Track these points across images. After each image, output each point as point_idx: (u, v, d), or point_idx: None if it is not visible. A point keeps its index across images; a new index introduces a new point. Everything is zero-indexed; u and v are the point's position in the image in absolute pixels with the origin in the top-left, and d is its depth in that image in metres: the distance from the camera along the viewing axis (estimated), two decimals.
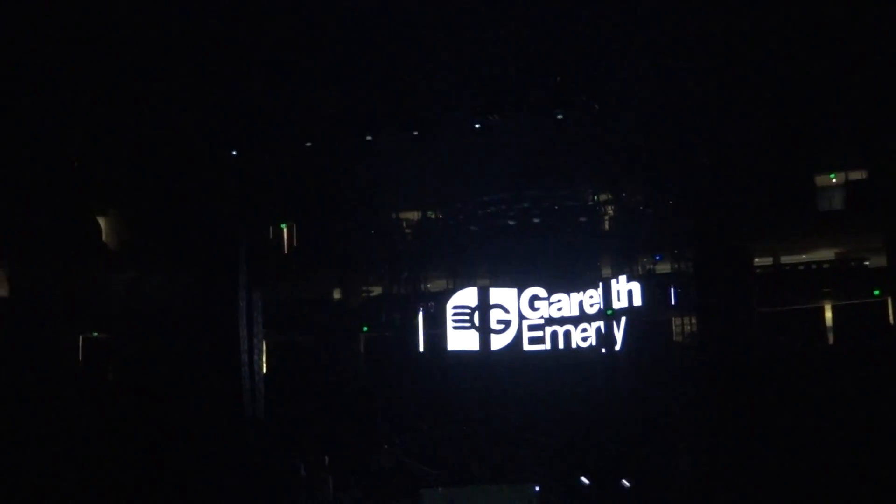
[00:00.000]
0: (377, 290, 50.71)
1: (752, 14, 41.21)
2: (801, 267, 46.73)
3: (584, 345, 44.69)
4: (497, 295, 45.86)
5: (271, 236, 51.52)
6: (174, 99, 45.87)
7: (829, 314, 45.51)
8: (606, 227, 47.74)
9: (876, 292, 44.49)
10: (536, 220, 46.97)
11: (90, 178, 49.31)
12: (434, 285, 50.02)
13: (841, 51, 41.83)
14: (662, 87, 43.37)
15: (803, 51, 42.36)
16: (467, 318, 45.57)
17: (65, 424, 41.38)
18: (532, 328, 45.51)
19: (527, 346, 45.41)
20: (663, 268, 46.66)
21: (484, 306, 45.69)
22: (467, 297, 45.88)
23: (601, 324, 44.10)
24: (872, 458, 34.34)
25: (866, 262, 45.58)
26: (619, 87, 43.83)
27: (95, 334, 48.65)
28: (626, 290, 43.50)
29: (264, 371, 45.41)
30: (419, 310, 46.19)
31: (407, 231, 50.03)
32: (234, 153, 47.80)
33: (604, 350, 43.96)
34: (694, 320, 43.89)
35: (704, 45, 42.14)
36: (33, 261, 48.59)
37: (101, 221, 50.93)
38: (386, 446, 41.76)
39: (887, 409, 35.97)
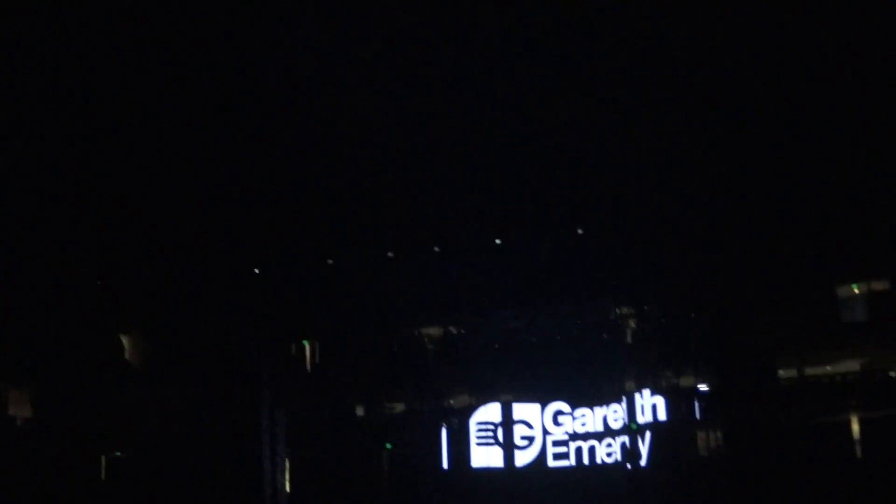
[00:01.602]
0: (400, 407, 50.46)
1: (774, 123, 41.50)
2: (826, 379, 46.31)
3: (609, 460, 44.15)
4: (520, 410, 45.48)
5: (294, 353, 51.39)
6: (197, 219, 46.28)
7: (856, 426, 44.91)
8: (629, 340, 47.55)
9: None
10: (558, 335, 46.84)
11: (113, 297, 49.51)
12: (457, 401, 49.76)
13: (864, 161, 42.02)
14: (683, 202, 43.59)
15: (825, 162, 42.57)
16: (491, 434, 45.21)
17: None
18: (556, 444, 45.04)
19: (551, 462, 44.89)
20: (687, 381, 46.33)
21: (507, 422, 45.33)
22: (490, 412, 45.53)
23: (626, 438, 43.66)
24: None
25: (892, 374, 45.18)
26: (640, 203, 44.04)
27: (118, 454, 48.38)
28: (650, 404, 43.13)
29: (287, 489, 45.17)
30: (442, 426, 45.86)
31: (429, 347, 49.89)
32: (256, 271, 48.03)
33: (629, 465, 43.44)
34: (720, 434, 43.48)
35: (725, 157, 42.42)
36: (56, 381, 48.68)
37: (124, 340, 51.03)
38: None
39: None
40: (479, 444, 45.39)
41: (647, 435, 43.09)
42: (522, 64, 38.13)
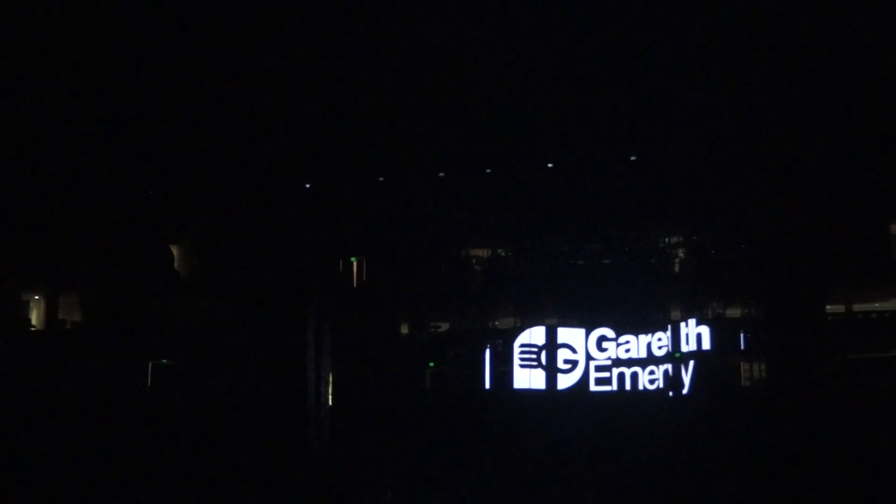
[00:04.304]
0: (444, 326, 50.68)
1: (828, 62, 41.12)
2: (874, 315, 46.15)
3: (651, 387, 44.17)
4: (565, 334, 45.51)
5: (341, 269, 51.64)
6: (248, 132, 46.45)
7: None
8: (676, 269, 47.42)
9: None
10: (606, 261, 46.73)
11: (164, 206, 49.93)
12: (502, 323, 49.94)
13: None
14: (736, 132, 43.29)
15: (876, 99, 42.16)
16: (534, 356, 45.30)
17: (132, 448, 41.90)
18: (599, 369, 45.08)
19: (593, 387, 44.97)
20: (733, 312, 46.24)
21: (551, 345, 45.36)
22: (535, 335, 45.58)
23: (669, 366, 43.67)
24: None
25: None
26: (693, 131, 43.79)
27: (164, 361, 49.04)
28: (695, 334, 43.03)
29: (330, 403, 45.64)
30: (486, 347, 45.95)
31: (476, 268, 49.92)
32: (307, 186, 48.21)
33: (671, 393, 43.52)
34: (763, 366, 43.48)
35: (780, 88, 42.06)
36: (106, 287, 49.29)
37: (174, 250, 51.53)
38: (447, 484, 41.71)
39: None
40: (521, 366, 45.47)
41: (691, 364, 42.99)
42: None
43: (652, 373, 44.46)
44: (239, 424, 44.09)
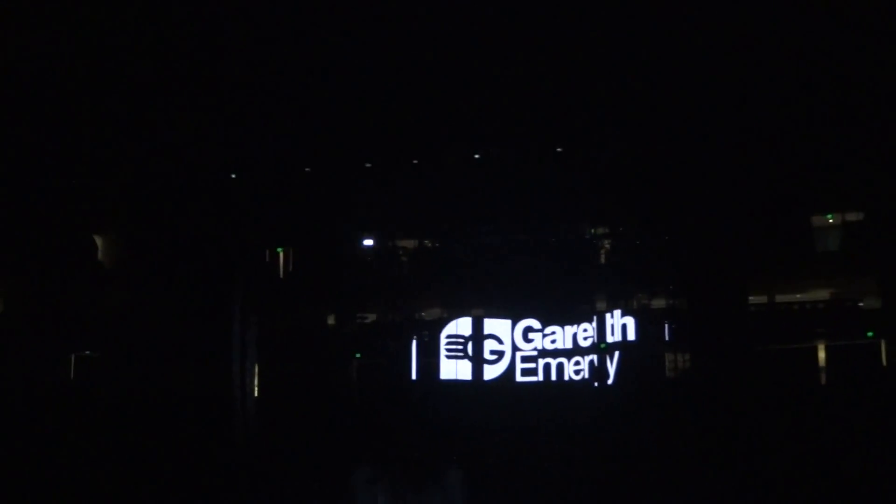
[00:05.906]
0: (371, 317, 50.58)
1: (753, 52, 41.43)
2: (796, 306, 46.74)
3: (577, 377, 44.30)
4: (491, 325, 45.44)
5: (267, 260, 51.34)
6: (173, 121, 45.96)
7: (822, 354, 45.44)
8: (602, 260, 47.72)
9: (869, 334, 44.46)
10: (532, 253, 46.90)
11: (87, 195, 49.25)
12: (428, 314, 49.93)
13: (840, 91, 42.04)
14: (660, 123, 43.59)
15: (801, 90, 42.60)
16: (461, 347, 45.26)
17: (55, 441, 41.39)
18: (525, 359, 45.13)
19: (519, 378, 44.99)
20: (659, 303, 46.61)
21: (478, 336, 45.35)
22: (461, 326, 45.52)
23: (594, 357, 43.85)
24: (864, 498, 34.38)
25: (860, 304, 45.66)
26: (618, 123, 44.03)
27: (88, 353, 48.43)
28: (620, 325, 43.20)
29: (256, 394, 45.40)
30: (413, 338, 45.93)
31: (403, 259, 49.93)
32: (233, 176, 47.85)
33: (596, 383, 43.74)
34: (687, 356, 43.88)
35: (702, 82, 42.38)
36: (27, 277, 48.57)
37: (98, 240, 50.86)
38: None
39: (878, 448, 36.03)
40: (448, 356, 45.33)
41: (616, 354, 43.24)
42: None
43: (577, 363, 44.53)
44: (163, 416, 43.66)
